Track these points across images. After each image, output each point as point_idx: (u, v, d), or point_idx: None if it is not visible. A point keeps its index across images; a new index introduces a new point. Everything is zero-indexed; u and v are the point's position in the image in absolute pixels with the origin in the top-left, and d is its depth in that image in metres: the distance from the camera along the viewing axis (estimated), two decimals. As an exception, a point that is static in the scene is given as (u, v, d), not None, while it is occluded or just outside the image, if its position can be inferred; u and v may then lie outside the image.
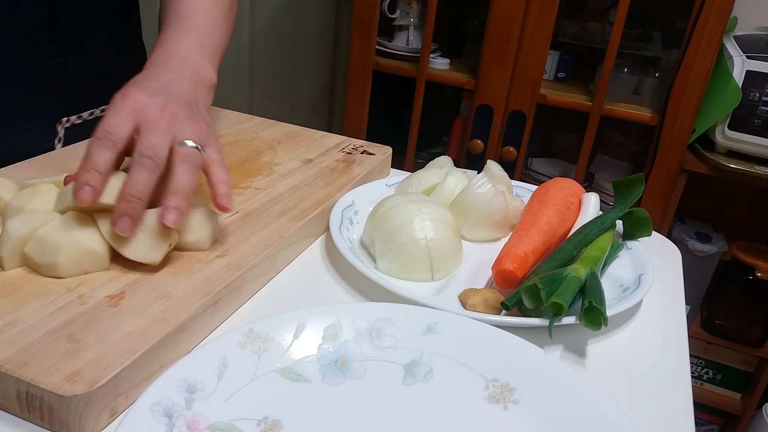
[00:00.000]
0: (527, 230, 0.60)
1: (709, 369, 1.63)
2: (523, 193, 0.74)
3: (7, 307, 0.43)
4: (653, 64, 1.48)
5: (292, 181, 0.68)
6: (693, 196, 1.51)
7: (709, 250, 1.50)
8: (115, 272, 0.48)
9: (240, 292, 0.51)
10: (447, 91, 1.74)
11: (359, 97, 1.58)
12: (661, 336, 0.55)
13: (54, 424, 0.38)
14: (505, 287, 0.56)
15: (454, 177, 0.68)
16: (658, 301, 0.59)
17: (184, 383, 0.39)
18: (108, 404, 0.39)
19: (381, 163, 0.78)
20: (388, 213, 0.58)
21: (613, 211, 0.65)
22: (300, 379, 0.43)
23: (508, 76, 1.43)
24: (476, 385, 0.43)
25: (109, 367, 0.38)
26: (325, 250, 0.62)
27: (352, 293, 0.56)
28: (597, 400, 0.40)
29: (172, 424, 0.37)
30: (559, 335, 0.52)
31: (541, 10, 1.35)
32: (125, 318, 0.43)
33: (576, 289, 0.51)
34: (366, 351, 0.45)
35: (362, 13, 1.49)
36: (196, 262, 0.51)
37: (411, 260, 0.57)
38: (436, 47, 1.57)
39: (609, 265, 0.61)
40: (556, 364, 0.44)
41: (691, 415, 0.45)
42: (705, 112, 1.33)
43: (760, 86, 1.26)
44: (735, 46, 1.33)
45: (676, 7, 1.55)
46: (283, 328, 0.45)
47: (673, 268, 0.67)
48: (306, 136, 0.83)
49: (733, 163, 1.33)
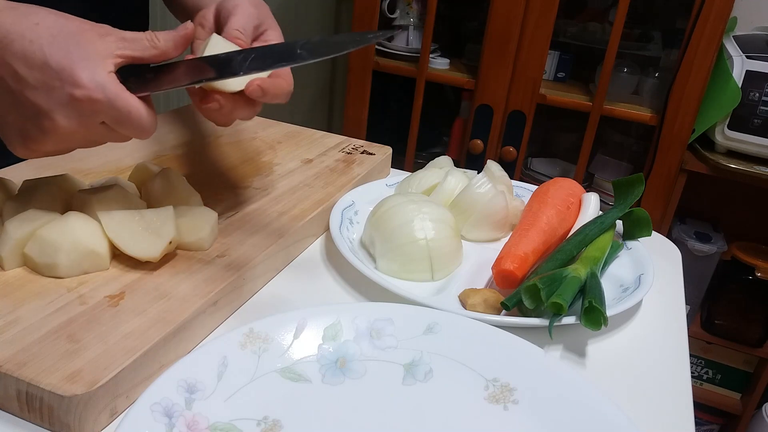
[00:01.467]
0: (527, 230, 0.60)
1: (709, 369, 1.63)
2: (523, 193, 0.74)
3: (7, 307, 0.43)
4: (653, 64, 1.48)
5: (292, 181, 0.68)
6: (693, 196, 1.51)
7: (709, 250, 1.50)
8: (115, 272, 0.48)
9: (240, 292, 0.51)
10: (447, 91, 1.74)
11: (359, 97, 1.58)
12: (661, 336, 0.55)
13: (54, 424, 0.38)
14: (505, 287, 0.56)
15: (454, 177, 0.68)
16: (658, 301, 0.59)
17: (184, 383, 0.39)
18: (108, 404, 0.39)
19: (381, 163, 0.78)
20: (388, 213, 0.58)
21: (613, 211, 0.65)
22: (300, 379, 0.43)
23: (508, 76, 1.43)
24: (476, 385, 0.43)
25: (109, 367, 0.38)
26: (325, 250, 0.62)
27: (352, 293, 0.56)
28: (597, 400, 0.40)
29: (172, 424, 0.37)
30: (559, 335, 0.52)
31: (541, 10, 1.35)
32: (125, 318, 0.43)
33: (576, 289, 0.51)
34: (366, 351, 0.45)
35: (362, 13, 1.49)
36: (196, 262, 0.51)
37: (411, 260, 0.57)
38: (436, 47, 1.57)
39: (609, 265, 0.61)
40: (556, 364, 0.44)
41: (691, 415, 0.45)
42: (705, 112, 1.33)
43: (760, 86, 1.26)
44: (735, 46, 1.33)
45: (676, 7, 1.55)
46: (283, 328, 0.45)
47: (673, 268, 0.67)
48: (306, 136, 0.83)
49: (733, 163, 1.33)
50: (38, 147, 0.45)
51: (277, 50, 0.47)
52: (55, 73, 0.42)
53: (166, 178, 0.57)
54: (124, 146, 0.72)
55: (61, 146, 0.46)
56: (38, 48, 0.42)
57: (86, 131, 0.44)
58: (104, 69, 0.43)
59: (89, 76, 0.42)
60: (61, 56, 0.42)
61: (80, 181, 0.56)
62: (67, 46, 0.42)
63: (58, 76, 0.42)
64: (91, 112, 0.43)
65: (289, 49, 0.46)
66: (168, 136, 0.77)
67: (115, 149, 0.71)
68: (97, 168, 0.66)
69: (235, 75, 0.46)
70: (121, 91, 0.43)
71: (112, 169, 0.66)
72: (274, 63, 0.46)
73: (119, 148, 0.71)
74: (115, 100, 0.43)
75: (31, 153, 0.46)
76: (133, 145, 0.73)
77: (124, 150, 0.71)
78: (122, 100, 0.43)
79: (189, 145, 0.75)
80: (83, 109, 0.43)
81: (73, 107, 0.43)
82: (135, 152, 0.71)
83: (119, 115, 0.44)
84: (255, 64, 0.46)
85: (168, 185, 0.56)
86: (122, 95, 0.43)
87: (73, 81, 0.42)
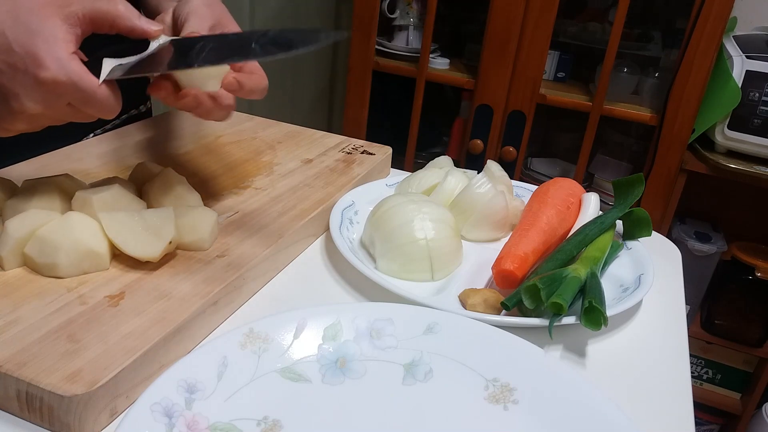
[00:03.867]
0: (527, 230, 0.60)
1: (709, 369, 1.63)
2: (523, 193, 0.74)
3: (7, 307, 0.43)
4: (653, 64, 1.48)
5: (292, 181, 0.68)
6: (693, 196, 1.51)
7: (709, 250, 1.50)
8: (115, 272, 0.48)
9: (240, 292, 0.51)
10: (447, 91, 1.74)
11: (359, 97, 1.58)
12: (661, 336, 0.55)
13: (54, 424, 0.38)
14: (505, 287, 0.56)
15: (454, 177, 0.68)
16: (658, 301, 0.59)
17: (184, 383, 0.39)
18: (108, 404, 0.39)
19: (381, 163, 0.78)
20: (388, 213, 0.58)
21: (613, 211, 0.65)
22: (300, 379, 0.43)
23: (507, 76, 1.43)
24: (476, 385, 0.43)
25: (109, 367, 0.38)
26: (325, 250, 0.62)
27: (352, 293, 0.56)
28: (597, 400, 0.40)
29: (172, 424, 0.37)
30: (559, 335, 0.52)
31: (541, 10, 1.35)
32: (125, 318, 0.43)
33: (576, 289, 0.51)
34: (366, 351, 0.45)
35: (362, 13, 1.49)
36: (196, 262, 0.51)
37: (411, 260, 0.57)
38: (436, 47, 1.57)
39: (609, 265, 0.61)
40: (556, 364, 0.44)
41: (691, 415, 0.45)
42: (705, 112, 1.33)
43: (760, 86, 1.26)
44: (735, 46, 1.33)
45: (676, 7, 1.55)
46: (283, 328, 0.45)
47: (673, 268, 0.67)
48: (306, 136, 0.83)
49: (733, 162, 1.33)
50: (10, 126, 0.47)
51: (232, 42, 0.48)
52: (19, 57, 0.43)
53: (166, 178, 0.57)
54: (124, 146, 0.72)
55: (32, 125, 0.48)
56: (0, 32, 0.43)
57: (53, 112, 0.46)
58: (67, 50, 0.44)
59: (53, 59, 0.43)
60: (25, 39, 0.43)
61: (80, 181, 0.56)
62: (29, 27, 0.43)
63: (23, 60, 0.43)
64: (56, 95, 0.45)
65: (243, 44, 0.47)
66: (168, 136, 0.77)
67: (115, 149, 0.71)
68: (97, 168, 0.66)
69: (190, 67, 0.47)
70: (85, 73, 0.45)
71: (112, 169, 0.66)
72: (228, 56, 0.47)
73: (119, 148, 0.72)
74: (79, 81, 0.44)
75: (4, 132, 0.48)
76: (133, 145, 0.73)
77: (124, 150, 0.71)
78: (86, 82, 0.45)
79: (189, 145, 0.75)
80: (49, 91, 0.44)
81: (39, 89, 0.44)
82: (135, 152, 0.71)
83: (84, 96, 0.45)
84: (210, 56, 0.47)
85: (168, 185, 0.56)
86: (85, 77, 0.45)
87: (37, 64, 0.43)
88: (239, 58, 0.48)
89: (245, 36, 0.49)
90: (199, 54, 0.47)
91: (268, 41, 0.46)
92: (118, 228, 0.49)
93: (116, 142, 0.73)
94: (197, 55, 0.47)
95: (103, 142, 0.73)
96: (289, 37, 0.46)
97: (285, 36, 0.46)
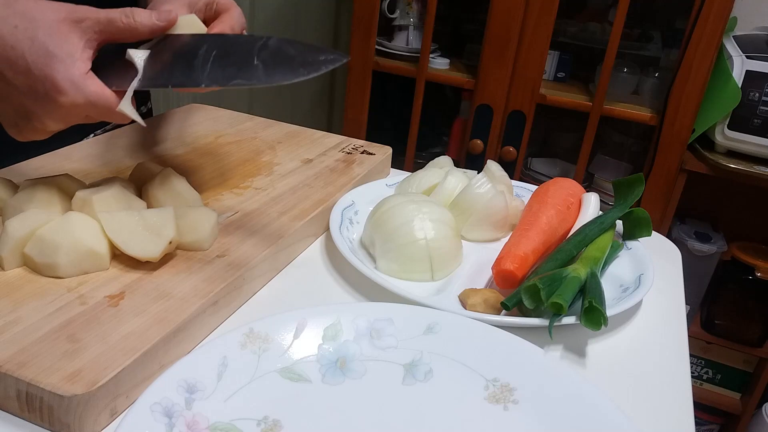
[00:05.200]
0: (527, 230, 0.60)
1: (709, 369, 1.63)
2: (523, 193, 0.74)
3: (7, 307, 0.43)
4: (653, 64, 1.48)
5: (292, 181, 0.68)
6: (693, 196, 1.51)
7: (709, 250, 1.50)
8: (115, 272, 0.48)
9: (240, 292, 0.51)
10: (447, 91, 1.74)
11: (359, 97, 1.58)
12: (661, 336, 0.55)
13: (54, 424, 0.38)
14: (505, 287, 0.56)
15: (454, 177, 0.68)
16: (658, 301, 0.59)
17: (184, 383, 0.39)
18: (108, 404, 0.39)
19: (381, 163, 0.78)
20: (388, 213, 0.58)
21: (613, 211, 0.65)
22: (300, 379, 0.43)
23: (507, 76, 1.43)
24: (476, 385, 0.43)
25: (109, 367, 0.38)
26: (325, 250, 0.62)
27: (352, 293, 0.56)
28: (597, 400, 0.40)
29: (172, 424, 0.37)
30: (559, 335, 0.52)
31: (541, 10, 1.35)
32: (125, 318, 0.43)
33: (576, 289, 0.51)
34: (366, 351, 0.45)
35: (362, 13, 1.49)
36: (196, 262, 0.51)
37: (411, 260, 0.57)
38: (436, 47, 1.57)
39: (609, 265, 0.61)
40: (556, 364, 0.44)
41: (691, 415, 0.45)
42: (705, 112, 1.33)
43: (760, 86, 1.26)
44: (735, 45, 1.33)
45: (675, 7, 1.55)
46: (283, 328, 0.45)
47: (673, 268, 0.67)
48: (306, 136, 0.83)
49: (733, 162, 1.33)
50: (31, 137, 0.50)
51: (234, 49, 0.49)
52: (39, 80, 0.45)
53: (166, 178, 0.57)
54: (124, 146, 0.72)
55: (50, 135, 0.51)
56: (20, 55, 0.45)
57: (72, 124, 0.49)
58: (84, 69, 0.46)
59: (70, 83, 0.45)
60: (42, 62, 0.45)
61: (80, 181, 0.56)
62: (46, 49, 0.45)
63: (42, 84, 0.45)
64: (75, 115, 0.48)
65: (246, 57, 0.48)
66: (168, 136, 0.77)
67: (115, 149, 0.71)
68: (97, 168, 0.66)
69: (197, 86, 0.48)
70: (101, 91, 0.47)
71: (112, 169, 0.66)
72: (233, 77, 0.48)
73: (119, 148, 0.72)
74: (97, 102, 0.47)
75: (25, 139, 0.51)
76: (134, 145, 0.73)
77: (124, 150, 0.71)
78: (103, 101, 0.47)
79: (189, 145, 0.75)
80: (68, 113, 0.47)
81: (59, 111, 0.47)
82: (135, 152, 0.71)
83: (101, 112, 0.48)
84: (216, 75, 0.48)
85: (168, 185, 0.56)
86: (102, 96, 0.47)
87: (56, 89, 0.45)
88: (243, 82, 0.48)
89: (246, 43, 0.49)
90: (204, 67, 0.48)
91: (269, 55, 0.47)
92: (118, 228, 0.49)
93: (116, 142, 0.73)
94: (202, 69, 0.48)
95: (104, 142, 0.73)
96: (290, 54, 0.47)
97: (285, 51, 0.47)
